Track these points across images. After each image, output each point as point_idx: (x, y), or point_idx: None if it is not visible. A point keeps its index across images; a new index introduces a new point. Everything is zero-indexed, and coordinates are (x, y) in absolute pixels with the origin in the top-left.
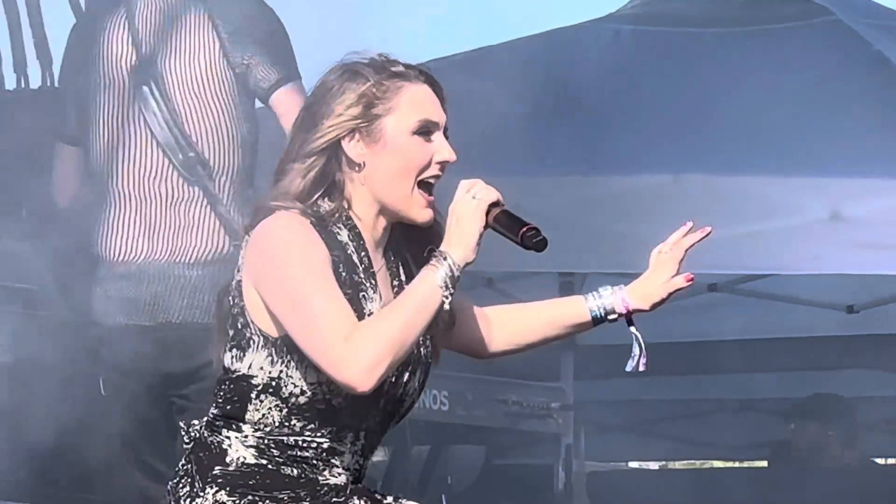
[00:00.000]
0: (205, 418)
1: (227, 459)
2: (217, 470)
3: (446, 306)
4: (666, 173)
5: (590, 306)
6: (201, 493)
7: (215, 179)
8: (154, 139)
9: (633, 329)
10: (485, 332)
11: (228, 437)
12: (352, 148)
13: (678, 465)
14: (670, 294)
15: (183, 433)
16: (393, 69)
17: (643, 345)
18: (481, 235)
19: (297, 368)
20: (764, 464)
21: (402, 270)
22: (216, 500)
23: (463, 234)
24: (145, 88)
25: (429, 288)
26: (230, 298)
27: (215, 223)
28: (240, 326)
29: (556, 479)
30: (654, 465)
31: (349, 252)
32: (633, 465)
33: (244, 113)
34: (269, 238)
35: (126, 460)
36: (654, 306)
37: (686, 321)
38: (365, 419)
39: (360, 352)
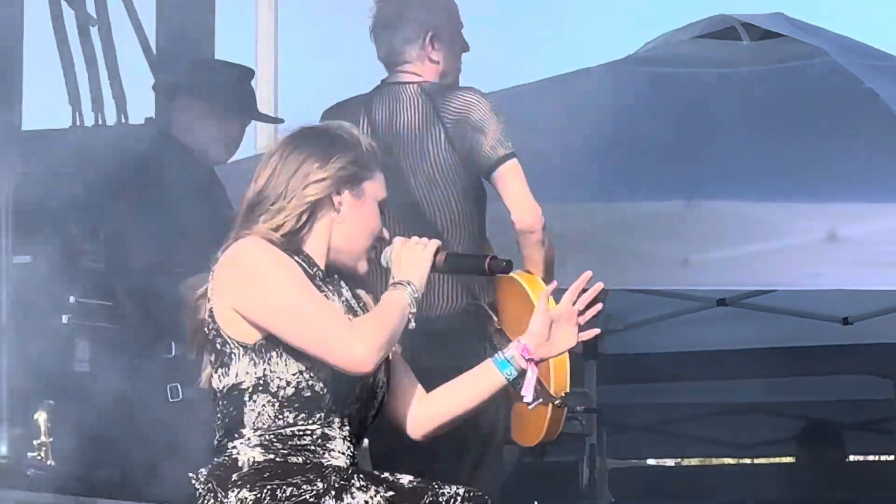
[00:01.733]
0: (204, 469)
1: (240, 464)
2: (234, 476)
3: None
4: (679, 199)
5: (505, 376)
6: (225, 499)
7: (450, 247)
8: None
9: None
10: (419, 411)
11: (235, 447)
12: (336, 197)
13: (691, 461)
14: None
15: (194, 481)
16: (373, 144)
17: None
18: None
19: (277, 364)
20: (768, 460)
21: (343, 289)
22: (239, 499)
23: (416, 269)
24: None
25: (400, 303)
26: (205, 328)
27: (455, 283)
28: (219, 346)
29: (581, 474)
30: (669, 462)
31: (305, 268)
32: (651, 461)
33: (469, 186)
34: (244, 260)
35: None
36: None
37: (698, 332)
38: (346, 405)
39: (365, 336)
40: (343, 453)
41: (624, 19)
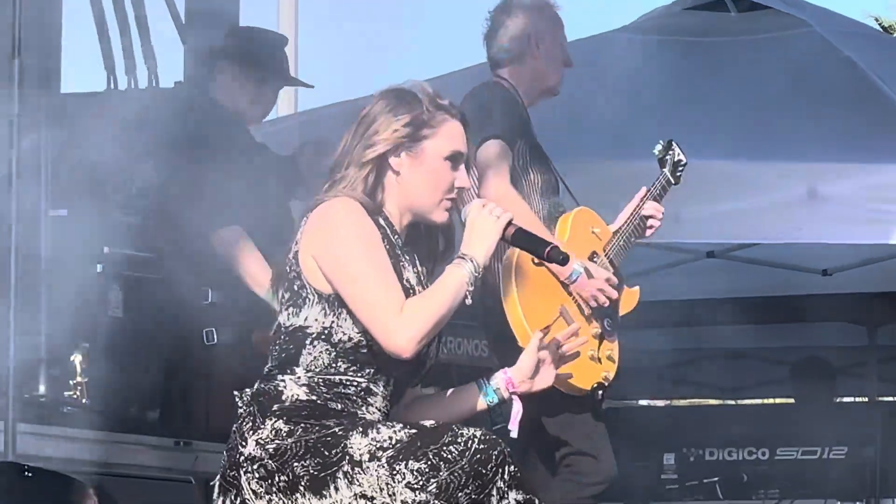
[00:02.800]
0: (255, 386)
1: (283, 398)
2: (275, 407)
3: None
4: None
5: (487, 402)
6: (262, 426)
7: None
8: None
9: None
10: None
11: (283, 381)
12: (395, 159)
13: (680, 402)
14: None
15: (237, 399)
16: (441, 102)
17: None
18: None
19: (346, 320)
20: (751, 402)
21: (417, 261)
22: (274, 429)
23: (483, 243)
24: None
25: (458, 281)
26: (287, 267)
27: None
28: (296, 288)
29: None
30: (660, 403)
31: (387, 233)
32: (643, 402)
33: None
34: (331, 219)
35: None
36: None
37: (688, 282)
38: (395, 367)
39: (409, 326)
40: (380, 409)
41: None
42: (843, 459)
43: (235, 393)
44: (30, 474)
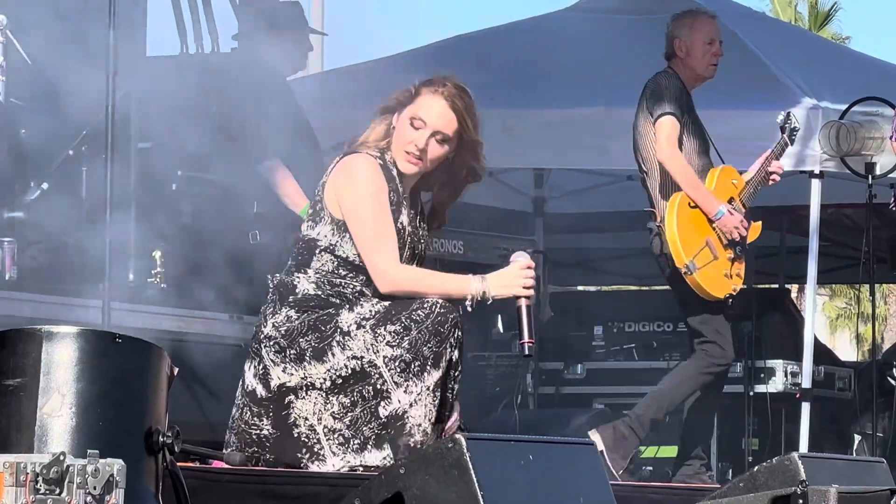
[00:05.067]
0: (280, 273)
1: (297, 291)
2: (290, 298)
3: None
4: (601, 106)
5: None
6: (279, 311)
7: (644, 165)
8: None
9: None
10: None
11: (298, 277)
12: (393, 119)
13: (609, 287)
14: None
15: (269, 281)
16: (423, 86)
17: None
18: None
19: (348, 241)
20: (660, 288)
21: (420, 201)
22: (287, 315)
23: (500, 288)
24: None
25: (461, 291)
26: (316, 191)
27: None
28: (318, 208)
29: None
30: (592, 288)
31: (395, 184)
32: (580, 288)
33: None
34: (353, 169)
35: None
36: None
37: (614, 198)
38: None
39: (401, 279)
40: (368, 305)
41: None
42: None
43: (269, 276)
44: (120, 340)
